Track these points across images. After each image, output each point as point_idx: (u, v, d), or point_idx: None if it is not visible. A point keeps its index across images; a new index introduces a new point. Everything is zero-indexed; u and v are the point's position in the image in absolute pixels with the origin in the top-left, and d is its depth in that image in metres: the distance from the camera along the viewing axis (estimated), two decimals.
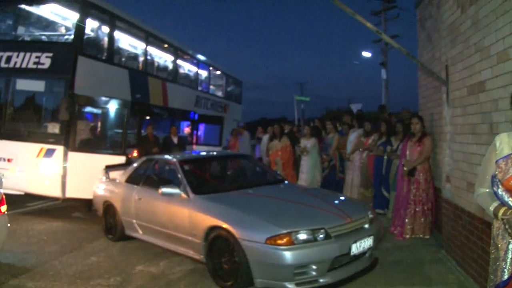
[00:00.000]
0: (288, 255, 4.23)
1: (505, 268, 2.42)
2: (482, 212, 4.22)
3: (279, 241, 4.29)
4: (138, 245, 6.43)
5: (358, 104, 19.41)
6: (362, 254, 4.77)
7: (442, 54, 5.48)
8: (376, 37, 20.40)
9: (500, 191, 2.46)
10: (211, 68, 15.71)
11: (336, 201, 5.60)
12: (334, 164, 8.76)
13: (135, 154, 9.54)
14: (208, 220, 4.92)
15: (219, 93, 16.92)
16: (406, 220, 6.31)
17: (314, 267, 4.32)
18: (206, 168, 6.60)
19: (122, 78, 9.63)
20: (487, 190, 2.59)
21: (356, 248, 4.60)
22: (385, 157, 7.39)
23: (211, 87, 15.86)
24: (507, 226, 2.35)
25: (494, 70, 3.91)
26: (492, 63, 3.95)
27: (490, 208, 2.49)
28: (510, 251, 2.41)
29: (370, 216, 5.10)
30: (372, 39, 21.66)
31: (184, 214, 5.33)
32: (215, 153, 8.40)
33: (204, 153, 8.01)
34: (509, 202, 2.41)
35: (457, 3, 4.86)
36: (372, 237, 4.86)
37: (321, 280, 4.39)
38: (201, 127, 14.41)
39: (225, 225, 4.66)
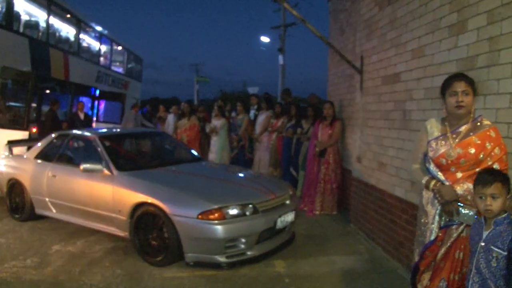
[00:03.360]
0: (220, 230, 4.41)
1: (433, 230, 2.89)
2: (393, 188, 4.80)
3: (211, 216, 4.45)
4: (49, 224, 6.17)
5: (255, 88, 19.99)
6: (283, 228, 5.11)
7: (357, 46, 6.00)
8: (274, 24, 21.07)
9: (432, 167, 2.90)
10: (113, 43, 15.12)
11: (258, 179, 5.90)
12: (243, 144, 9.04)
13: (34, 130, 8.94)
14: (135, 197, 4.90)
15: (120, 70, 16.36)
16: (316, 197, 6.85)
17: (243, 240, 4.57)
18: (126, 144, 6.49)
19: (22, 47, 8.92)
20: (419, 166, 3.03)
21: (280, 222, 4.92)
22: (295, 139, 7.86)
23: (113, 62, 15.27)
24: (437, 195, 2.79)
25: (409, 64, 4.44)
26: (407, 58, 4.48)
27: (423, 181, 2.93)
28: (437, 215, 2.88)
29: (290, 193, 5.47)
30: (271, 25, 22.29)
31: (107, 191, 5.23)
32: (132, 130, 8.24)
33: (121, 130, 7.82)
34: (438, 176, 2.86)
35: (375, 1, 5.35)
36: (293, 212, 5.23)
37: (248, 253, 4.65)
38: (102, 104, 13.87)
39: (155, 202, 4.68)
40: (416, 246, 3.10)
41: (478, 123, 2.83)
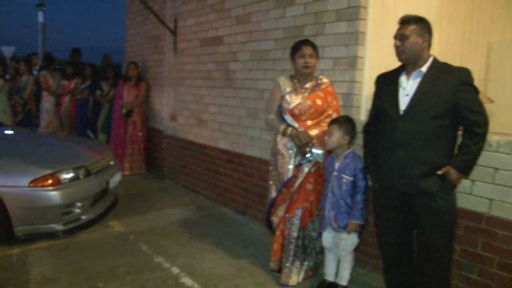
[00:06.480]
0: (57, 196, 4.14)
1: (290, 169, 3.48)
2: (216, 141, 5.31)
3: (45, 183, 4.13)
4: None
5: (11, 48, 17.67)
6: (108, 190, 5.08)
7: (168, 8, 6.15)
8: None
9: (287, 117, 3.47)
10: None
11: (79, 140, 5.64)
12: (30, 108, 8.16)
13: None
14: None
15: None
16: (124, 158, 6.88)
17: (79, 204, 4.41)
18: None
19: None
20: (275, 116, 3.56)
21: (112, 183, 4.91)
22: (91, 100, 7.59)
23: None
24: (295, 139, 3.39)
25: (233, 29, 4.92)
26: (231, 23, 4.94)
27: (280, 129, 3.47)
28: (293, 157, 3.48)
29: (111, 153, 5.43)
30: None
31: None
32: None
33: None
34: (294, 124, 3.44)
35: None
36: (119, 172, 5.24)
37: (83, 217, 4.50)
38: None
39: None
40: (272, 185, 3.63)
41: (319, 81, 3.52)
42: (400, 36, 2.66)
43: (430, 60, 2.69)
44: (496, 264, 2.76)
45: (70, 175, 4.34)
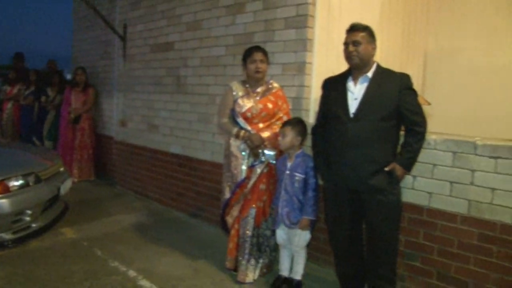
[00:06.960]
0: (5, 204, 4.04)
1: (243, 170, 3.60)
2: (167, 146, 5.35)
3: None
4: None
5: None
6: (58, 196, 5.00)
7: (117, 13, 6.13)
8: None
9: (240, 120, 3.59)
10: None
11: (26, 147, 5.50)
12: None
13: None
14: None
15: None
16: (73, 165, 6.75)
17: (29, 212, 4.31)
18: None
19: None
20: (228, 120, 3.67)
21: (63, 189, 4.83)
22: (36, 107, 7.40)
23: None
24: (248, 141, 3.52)
25: (184, 35, 5.01)
26: (182, 29, 5.02)
27: (233, 132, 3.59)
28: (246, 158, 3.60)
29: (60, 159, 5.34)
30: None
31: None
32: None
33: None
34: (246, 127, 3.57)
35: None
36: (70, 179, 5.16)
37: (33, 225, 4.40)
38: None
39: None
40: (225, 186, 3.73)
41: (270, 85, 3.68)
42: (353, 42, 2.85)
43: (374, 66, 2.91)
44: (436, 251, 3.03)
45: (19, 182, 4.24)
